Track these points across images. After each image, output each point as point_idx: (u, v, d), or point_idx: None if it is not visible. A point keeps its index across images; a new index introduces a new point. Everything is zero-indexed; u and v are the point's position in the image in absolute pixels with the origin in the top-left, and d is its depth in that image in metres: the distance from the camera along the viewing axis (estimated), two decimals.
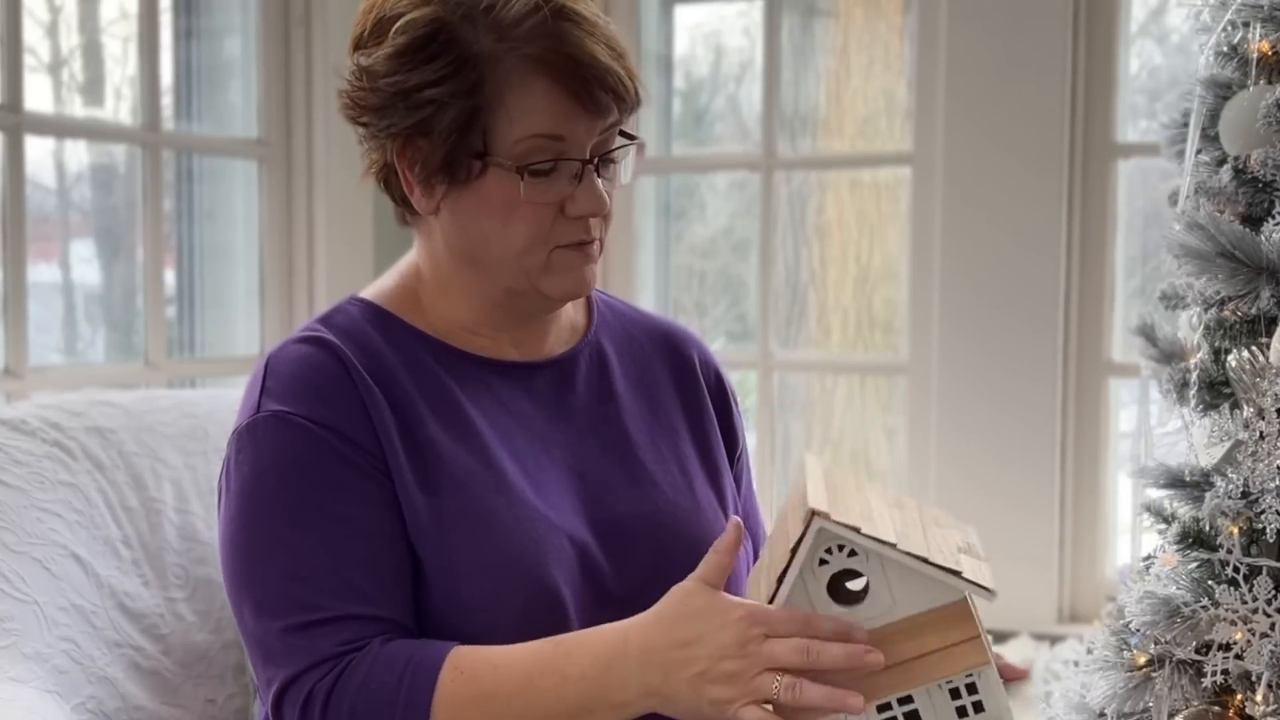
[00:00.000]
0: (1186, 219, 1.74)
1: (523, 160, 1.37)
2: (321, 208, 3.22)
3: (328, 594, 1.34)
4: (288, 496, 1.37)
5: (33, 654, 1.53)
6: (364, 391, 1.40)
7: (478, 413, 1.45)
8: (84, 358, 3.13)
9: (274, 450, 1.38)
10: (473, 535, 1.38)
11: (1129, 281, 3.20)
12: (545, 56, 1.35)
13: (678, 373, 1.61)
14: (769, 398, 3.45)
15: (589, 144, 1.39)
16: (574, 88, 1.35)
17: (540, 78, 1.35)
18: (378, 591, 1.36)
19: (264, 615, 1.36)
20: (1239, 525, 1.69)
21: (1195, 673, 1.71)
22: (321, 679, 1.33)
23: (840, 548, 1.27)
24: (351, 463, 1.38)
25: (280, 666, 1.35)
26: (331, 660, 1.33)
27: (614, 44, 1.39)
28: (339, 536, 1.36)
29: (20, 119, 2.70)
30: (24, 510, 1.60)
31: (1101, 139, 3.11)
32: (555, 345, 1.54)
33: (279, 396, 1.39)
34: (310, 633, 1.34)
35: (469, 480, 1.40)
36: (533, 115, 1.36)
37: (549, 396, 1.50)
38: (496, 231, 1.40)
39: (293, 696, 1.34)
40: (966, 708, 1.28)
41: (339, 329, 1.45)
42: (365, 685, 1.31)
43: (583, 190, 1.39)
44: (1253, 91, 1.76)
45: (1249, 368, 1.70)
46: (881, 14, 3.53)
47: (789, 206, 3.58)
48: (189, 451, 1.79)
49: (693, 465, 1.55)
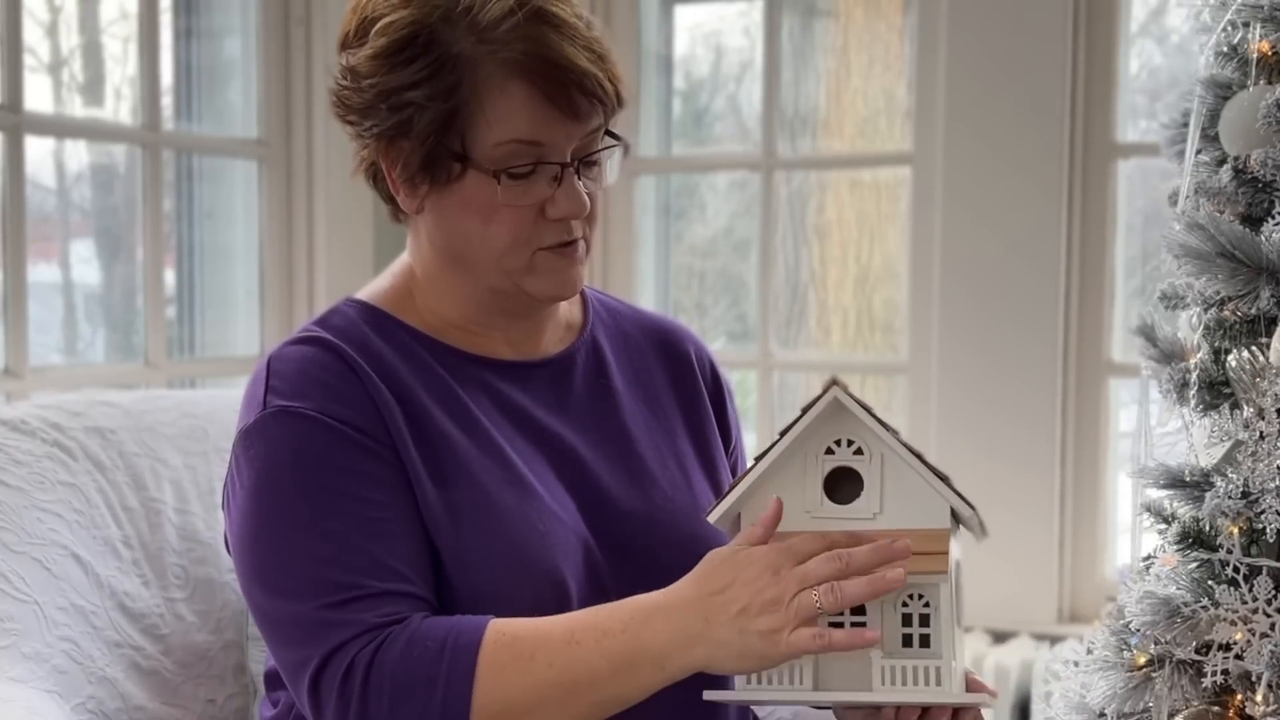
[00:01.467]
0: (1186, 219, 1.74)
1: (501, 164, 1.37)
2: (321, 208, 3.22)
3: (363, 573, 1.33)
4: (307, 485, 1.36)
5: (33, 654, 1.53)
6: (370, 387, 1.40)
7: (479, 410, 1.45)
8: (84, 358, 3.13)
9: (287, 443, 1.37)
10: (484, 527, 1.39)
11: (1129, 281, 3.20)
12: (522, 61, 1.34)
13: (674, 369, 1.61)
14: (769, 398, 3.45)
15: (569, 147, 1.39)
16: (551, 93, 1.35)
17: (517, 82, 1.35)
18: (410, 571, 1.35)
19: (296, 600, 1.34)
20: (1239, 525, 1.69)
21: (1195, 673, 1.71)
22: (363, 649, 1.31)
23: (850, 443, 1.32)
24: (368, 450, 1.37)
25: (319, 643, 1.32)
26: (374, 631, 1.31)
27: (595, 46, 1.38)
28: (366, 520, 1.35)
29: (20, 119, 2.70)
30: (24, 510, 1.60)
31: (1101, 139, 3.11)
32: (551, 344, 1.54)
33: (286, 394, 1.39)
34: (351, 607, 1.32)
35: (479, 472, 1.41)
36: (510, 120, 1.36)
37: (546, 395, 1.51)
38: (478, 233, 1.40)
39: (333, 668, 1.31)
40: (913, 637, 1.30)
41: (337, 330, 1.45)
42: (407, 653, 1.30)
43: (562, 192, 1.39)
44: (1253, 91, 1.76)
45: (1249, 368, 1.70)
46: (881, 14, 3.54)
47: (789, 206, 3.58)
48: (189, 451, 1.79)
49: (690, 462, 1.56)
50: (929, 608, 1.29)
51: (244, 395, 1.45)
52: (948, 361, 3.18)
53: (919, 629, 1.30)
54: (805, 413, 1.32)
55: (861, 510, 1.33)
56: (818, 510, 1.33)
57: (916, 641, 1.30)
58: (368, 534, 1.35)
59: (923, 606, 1.30)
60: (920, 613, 1.30)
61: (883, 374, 3.53)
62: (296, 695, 1.37)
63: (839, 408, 1.32)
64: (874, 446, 1.33)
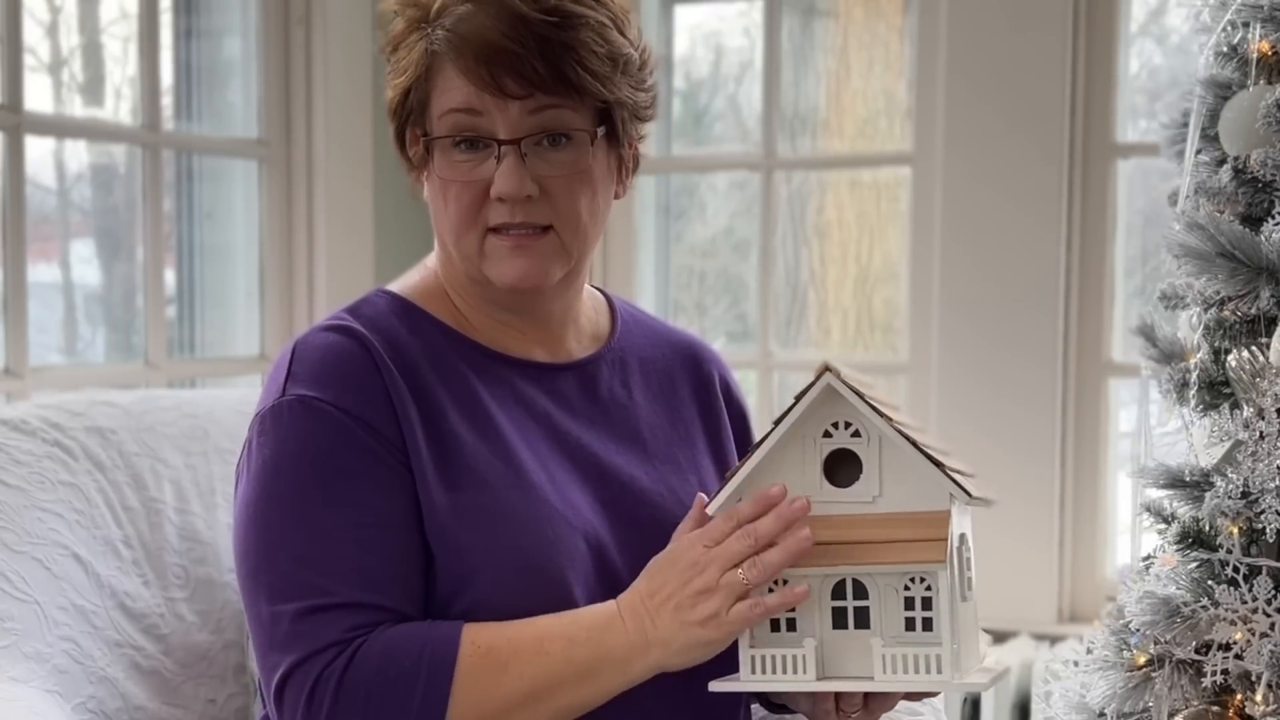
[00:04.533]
0: (1186, 219, 1.74)
1: (446, 133, 1.43)
2: (321, 208, 3.22)
3: (337, 579, 1.35)
4: (306, 482, 1.38)
5: (33, 654, 1.53)
6: (389, 381, 1.41)
7: (499, 410, 1.46)
8: (84, 358, 3.13)
9: (296, 435, 1.39)
10: (490, 531, 1.39)
11: (1129, 281, 3.20)
12: (451, 39, 1.40)
13: (697, 387, 1.63)
14: (769, 398, 3.45)
15: (510, 125, 1.41)
16: (470, 68, 1.39)
17: (451, 58, 1.41)
18: (389, 581, 1.37)
19: (273, 600, 1.36)
20: (1239, 525, 1.69)
21: (1195, 673, 1.71)
22: (329, 664, 1.33)
23: (847, 425, 1.33)
24: (372, 451, 1.38)
25: (284, 653, 1.35)
26: (337, 646, 1.33)
27: (538, 28, 1.38)
28: (354, 524, 1.37)
29: (20, 119, 2.70)
30: (24, 510, 1.60)
31: (1101, 139, 3.11)
32: (577, 349, 1.55)
33: (304, 381, 1.40)
34: (316, 618, 1.34)
35: (489, 476, 1.41)
36: (450, 93, 1.42)
37: (571, 399, 1.51)
38: (441, 213, 1.46)
39: (297, 682, 1.34)
40: (915, 621, 1.30)
41: (366, 319, 1.46)
42: (383, 671, 1.32)
43: (500, 171, 1.41)
44: (1253, 91, 1.76)
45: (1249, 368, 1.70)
46: (881, 14, 3.54)
47: (789, 206, 3.58)
48: (189, 451, 1.79)
49: (709, 477, 1.57)
50: (930, 590, 1.29)
51: (267, 377, 1.47)
52: (948, 361, 3.18)
53: (921, 612, 1.30)
54: (799, 399, 1.33)
55: (861, 493, 1.33)
56: (818, 494, 1.33)
57: (919, 625, 1.30)
58: (353, 540, 1.36)
59: (924, 590, 1.29)
60: (922, 596, 1.29)
61: (883, 374, 3.53)
62: (266, 692, 1.39)
63: (834, 393, 1.32)
64: (871, 429, 1.33)
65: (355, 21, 3.16)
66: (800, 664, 1.31)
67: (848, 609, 1.31)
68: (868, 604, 1.30)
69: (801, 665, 1.31)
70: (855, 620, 1.31)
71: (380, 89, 1.56)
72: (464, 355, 1.47)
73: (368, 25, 3.16)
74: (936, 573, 1.29)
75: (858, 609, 1.31)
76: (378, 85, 2.86)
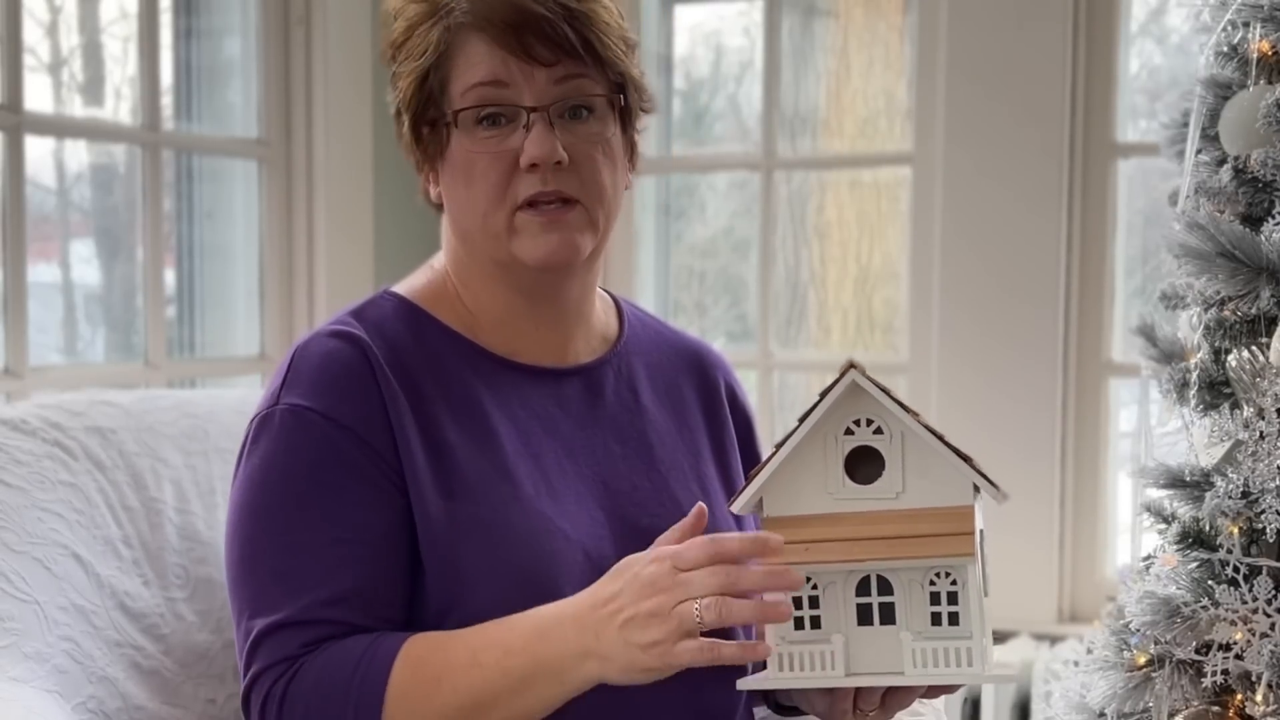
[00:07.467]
0: (1186, 219, 1.74)
1: (473, 105, 1.41)
2: (321, 208, 3.22)
3: (303, 596, 1.35)
4: (286, 496, 1.38)
5: (33, 654, 1.53)
6: (387, 391, 1.40)
7: (501, 417, 1.45)
8: (84, 358, 3.13)
9: (285, 447, 1.39)
10: (484, 544, 1.38)
11: (1129, 281, 3.20)
12: (477, 8, 1.40)
13: (704, 393, 1.62)
14: (769, 398, 3.45)
15: (536, 92, 1.40)
16: (501, 37, 1.39)
17: (475, 35, 1.40)
18: (357, 596, 1.36)
19: (246, 614, 1.38)
20: (1239, 525, 1.69)
21: (1195, 673, 1.71)
22: (276, 680, 1.34)
23: (869, 422, 1.32)
24: (359, 466, 1.38)
25: (248, 667, 1.37)
26: (286, 662, 1.34)
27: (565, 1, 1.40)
28: (329, 540, 1.36)
29: (20, 119, 2.70)
30: (24, 510, 1.60)
31: (1101, 139, 3.11)
32: (584, 353, 1.53)
33: (299, 390, 1.40)
34: (279, 634, 1.35)
35: (485, 488, 1.40)
36: (473, 68, 1.41)
37: (576, 404, 1.50)
38: (465, 197, 1.43)
39: (256, 696, 1.36)
40: (941, 615, 1.29)
41: (370, 324, 1.45)
42: (318, 684, 1.32)
43: (530, 138, 1.40)
44: (1253, 91, 1.76)
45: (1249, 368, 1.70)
46: (881, 14, 3.54)
47: (789, 206, 3.58)
48: (189, 451, 1.79)
49: (713, 484, 1.56)
50: (956, 585, 1.29)
51: (270, 378, 1.47)
52: (948, 361, 3.18)
53: (947, 607, 1.29)
54: (824, 397, 1.32)
55: (884, 490, 1.32)
56: (840, 491, 1.32)
57: (945, 620, 1.29)
58: (326, 556, 1.36)
59: (950, 584, 1.29)
60: (948, 590, 1.29)
61: (883, 374, 3.52)
62: None
63: (857, 390, 1.32)
64: (893, 426, 1.32)
65: (355, 21, 3.16)
66: (829, 660, 1.30)
67: (872, 605, 1.30)
68: (893, 599, 1.30)
69: (830, 661, 1.30)
70: (880, 616, 1.30)
71: (381, 89, 1.55)
72: (469, 361, 1.46)
73: (368, 25, 3.16)
74: (965, 566, 1.28)
75: (883, 605, 1.30)
76: (378, 85, 2.86)
